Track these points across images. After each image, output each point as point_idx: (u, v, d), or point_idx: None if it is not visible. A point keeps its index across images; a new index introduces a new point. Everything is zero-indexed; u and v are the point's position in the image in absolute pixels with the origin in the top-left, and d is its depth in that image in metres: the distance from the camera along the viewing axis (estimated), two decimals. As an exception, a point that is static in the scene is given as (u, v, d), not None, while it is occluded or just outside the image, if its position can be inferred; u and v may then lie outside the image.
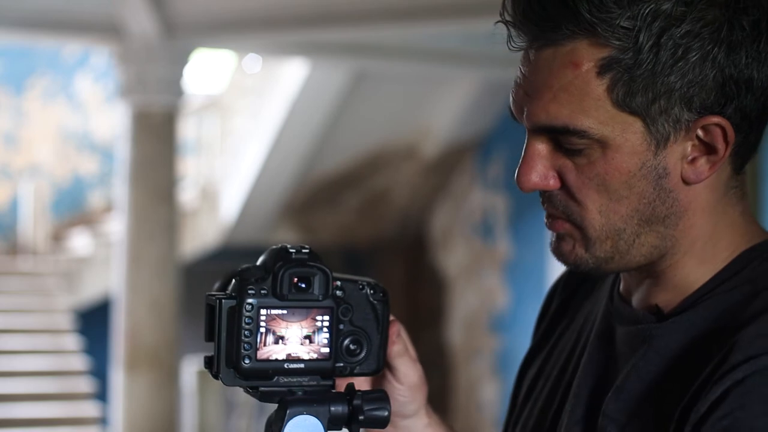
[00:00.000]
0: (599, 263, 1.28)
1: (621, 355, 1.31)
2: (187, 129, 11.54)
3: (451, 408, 11.61)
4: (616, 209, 1.25)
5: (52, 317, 11.05)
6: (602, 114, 1.22)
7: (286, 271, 1.24)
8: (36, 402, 10.12)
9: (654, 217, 1.25)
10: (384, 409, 1.28)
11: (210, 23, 8.56)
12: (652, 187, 1.24)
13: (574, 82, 1.22)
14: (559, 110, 1.23)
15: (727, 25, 1.21)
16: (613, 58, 1.21)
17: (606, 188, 1.24)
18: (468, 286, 11.70)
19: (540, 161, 1.26)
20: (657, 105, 1.22)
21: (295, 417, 1.24)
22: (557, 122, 1.23)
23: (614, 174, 1.24)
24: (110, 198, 12.19)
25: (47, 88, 12.84)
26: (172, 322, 8.44)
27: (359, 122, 10.96)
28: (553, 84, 1.23)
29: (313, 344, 1.25)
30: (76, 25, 8.57)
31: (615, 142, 1.23)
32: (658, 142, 1.23)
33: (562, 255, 1.29)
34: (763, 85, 1.24)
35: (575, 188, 1.25)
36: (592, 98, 1.22)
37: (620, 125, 1.23)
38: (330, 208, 11.84)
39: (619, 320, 1.33)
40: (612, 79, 1.21)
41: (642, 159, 1.23)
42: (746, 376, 1.15)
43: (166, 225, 8.50)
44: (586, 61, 1.22)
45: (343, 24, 8.40)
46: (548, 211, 1.28)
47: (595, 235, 1.26)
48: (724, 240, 1.28)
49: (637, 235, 1.26)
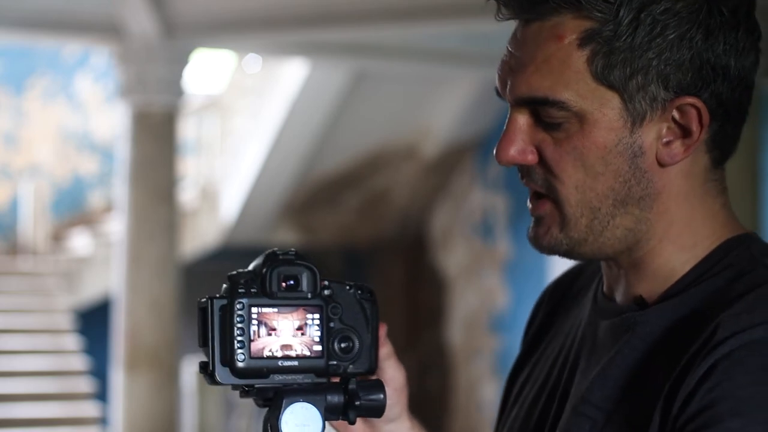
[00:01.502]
0: (573, 245, 1.29)
1: (603, 347, 1.32)
2: (187, 129, 11.54)
3: (451, 408, 11.62)
4: (592, 186, 1.27)
5: (52, 317, 11.06)
6: (582, 87, 1.25)
7: (273, 270, 1.27)
8: (36, 402, 10.13)
9: (629, 197, 1.27)
10: (380, 395, 1.29)
11: (210, 23, 8.56)
12: (628, 166, 1.26)
13: (556, 54, 1.25)
14: (541, 82, 1.26)
15: (706, 8, 1.24)
16: (594, 30, 1.24)
17: (583, 163, 1.26)
18: (468, 286, 11.70)
19: (520, 135, 1.29)
20: (634, 81, 1.24)
21: (292, 404, 1.25)
22: (538, 93, 1.26)
23: (591, 148, 1.26)
24: (110, 198, 12.19)
25: (47, 88, 12.85)
26: (172, 322, 8.44)
27: (359, 122, 10.96)
28: (537, 57, 1.26)
29: (306, 336, 1.27)
30: (76, 25, 8.57)
31: (593, 117, 1.25)
32: (635, 120, 1.25)
33: (537, 239, 1.32)
34: (739, 75, 1.27)
35: (553, 162, 1.27)
36: (573, 71, 1.25)
37: (599, 99, 1.25)
38: (330, 208, 11.85)
39: (604, 316, 1.34)
40: (592, 51, 1.24)
41: (618, 135, 1.26)
42: (732, 350, 1.17)
43: (166, 225, 8.51)
44: (569, 34, 1.25)
45: (343, 24, 8.41)
46: (528, 186, 1.31)
47: (570, 211, 1.28)
48: (704, 229, 1.30)
49: (612, 216, 1.27)
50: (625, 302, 1.32)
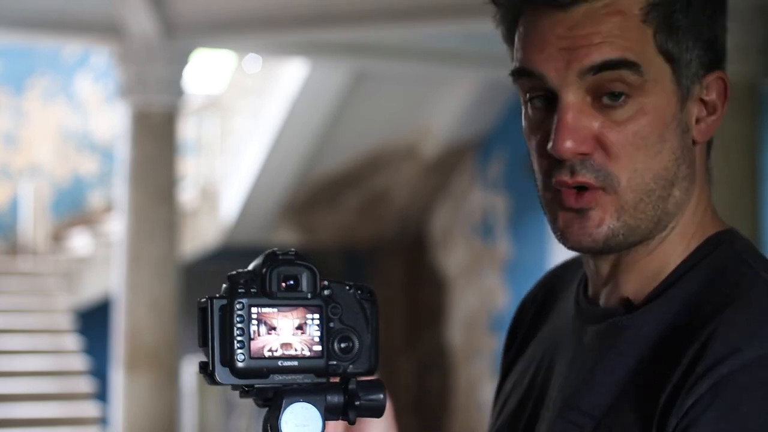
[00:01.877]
0: (628, 233, 1.26)
1: (590, 352, 1.30)
2: (187, 129, 11.54)
3: (451, 408, 11.62)
4: (651, 167, 1.25)
5: (52, 317, 11.06)
6: (648, 56, 1.25)
7: (273, 270, 1.26)
8: (36, 402, 10.13)
9: (676, 178, 1.27)
10: (380, 395, 1.28)
11: (210, 23, 8.56)
12: (678, 143, 1.27)
13: (623, 24, 1.25)
14: (613, 46, 1.24)
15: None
16: (655, 3, 1.25)
17: (645, 142, 1.25)
18: (468, 286, 11.71)
19: (577, 120, 1.24)
20: (685, 56, 1.27)
21: (292, 404, 1.25)
22: (613, 55, 1.24)
23: (653, 124, 1.25)
24: (110, 198, 12.19)
25: (47, 88, 12.85)
26: (172, 322, 8.44)
27: (359, 122, 10.97)
28: (602, 30, 1.25)
29: (305, 335, 1.27)
30: (76, 25, 8.57)
31: (654, 89, 1.25)
32: (683, 95, 1.27)
33: (587, 231, 1.26)
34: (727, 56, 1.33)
35: (617, 144, 1.24)
36: (642, 40, 1.25)
37: (659, 71, 1.25)
38: (330, 208, 11.85)
39: (589, 320, 1.32)
40: (657, 24, 1.25)
41: (673, 111, 1.26)
42: (731, 372, 1.15)
43: (166, 225, 8.51)
44: (630, 8, 1.25)
45: (343, 24, 8.41)
46: (578, 181, 1.25)
47: (629, 197, 1.25)
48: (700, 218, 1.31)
49: (663, 199, 1.26)
50: (610, 305, 1.31)
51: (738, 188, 6.72)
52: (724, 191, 6.68)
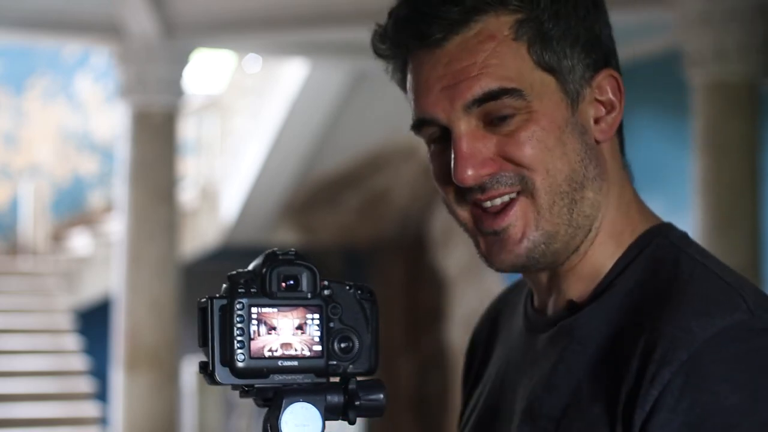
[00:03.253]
0: (549, 241, 1.28)
1: (544, 358, 1.31)
2: (187, 129, 11.54)
3: (451, 408, 11.62)
4: (560, 168, 1.28)
5: (52, 317, 11.06)
6: (526, 75, 1.27)
7: (273, 270, 1.27)
8: (36, 402, 10.13)
9: (585, 179, 1.29)
10: (380, 395, 1.29)
11: (210, 23, 8.56)
12: (580, 144, 1.28)
13: (496, 49, 1.27)
14: (490, 77, 1.27)
15: None
16: (522, 20, 1.27)
17: (544, 145, 1.27)
18: (468, 286, 11.70)
19: (474, 145, 1.28)
20: (566, 62, 1.28)
21: (292, 404, 1.25)
22: (493, 86, 1.27)
23: (548, 130, 1.27)
24: (110, 198, 12.19)
25: (47, 88, 12.85)
26: (172, 322, 8.44)
27: (359, 122, 10.97)
28: (477, 60, 1.27)
29: (305, 335, 1.27)
30: (76, 25, 8.57)
31: (541, 102, 1.27)
32: (573, 100, 1.28)
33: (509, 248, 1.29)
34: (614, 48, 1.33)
35: (519, 154, 1.27)
36: (518, 60, 1.27)
37: (541, 84, 1.27)
38: (330, 208, 11.85)
39: (539, 329, 1.34)
40: (528, 40, 1.27)
41: (565, 116, 1.28)
42: (691, 356, 1.17)
43: (166, 225, 8.51)
44: (500, 31, 1.27)
45: (343, 24, 8.41)
46: (494, 193, 1.28)
47: (545, 199, 1.28)
48: (625, 217, 1.32)
49: (575, 202, 1.28)
50: (557, 312, 1.32)
51: (738, 188, 6.72)
52: (724, 191, 6.68)
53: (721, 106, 6.78)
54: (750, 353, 1.17)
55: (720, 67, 6.77)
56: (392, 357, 11.66)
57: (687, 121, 7.25)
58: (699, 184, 6.81)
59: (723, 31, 6.77)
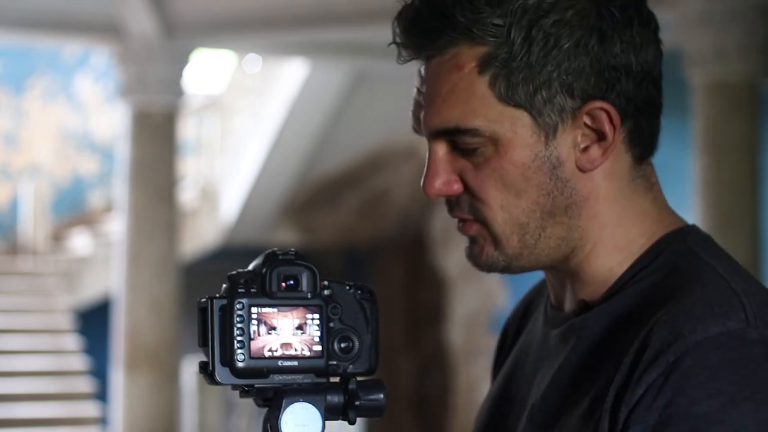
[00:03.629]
0: (510, 260, 1.31)
1: (554, 355, 1.33)
2: (187, 129, 11.54)
3: (451, 408, 11.62)
4: (516, 203, 1.28)
5: (52, 317, 11.06)
6: (489, 111, 1.26)
7: (273, 270, 1.27)
8: (36, 402, 10.13)
9: (555, 208, 1.28)
10: (380, 395, 1.29)
11: (210, 23, 8.57)
12: (548, 178, 1.27)
13: (459, 83, 1.27)
14: (450, 113, 1.28)
15: (595, 13, 1.26)
16: (490, 54, 1.26)
17: (504, 183, 1.27)
18: (468, 286, 11.71)
19: (441, 166, 1.31)
20: (539, 96, 1.26)
21: (292, 404, 1.25)
22: (449, 124, 1.28)
23: (509, 168, 1.27)
24: (110, 198, 12.19)
25: (47, 88, 12.85)
26: (172, 322, 8.45)
27: (359, 122, 10.97)
28: (442, 89, 1.28)
29: (305, 335, 1.27)
30: (76, 25, 8.58)
31: (506, 137, 1.26)
32: (547, 133, 1.27)
33: (474, 257, 1.33)
34: (642, 70, 1.28)
35: (476, 187, 1.29)
36: (478, 97, 1.26)
37: (508, 120, 1.26)
38: (330, 208, 11.85)
39: (553, 325, 1.36)
40: (492, 76, 1.26)
41: (534, 151, 1.27)
42: (677, 358, 1.17)
43: (166, 225, 8.51)
44: (468, 62, 1.26)
45: (343, 24, 8.41)
46: (456, 215, 1.32)
47: (500, 230, 1.29)
48: (636, 227, 1.31)
49: (543, 228, 1.29)
50: (570, 309, 1.34)
51: (738, 188, 6.72)
52: (724, 191, 6.68)
53: (721, 106, 6.78)
54: (736, 363, 1.17)
55: (720, 67, 6.77)
56: (392, 357, 11.66)
57: (687, 121, 7.26)
58: (699, 184, 6.81)
59: (723, 31, 6.77)
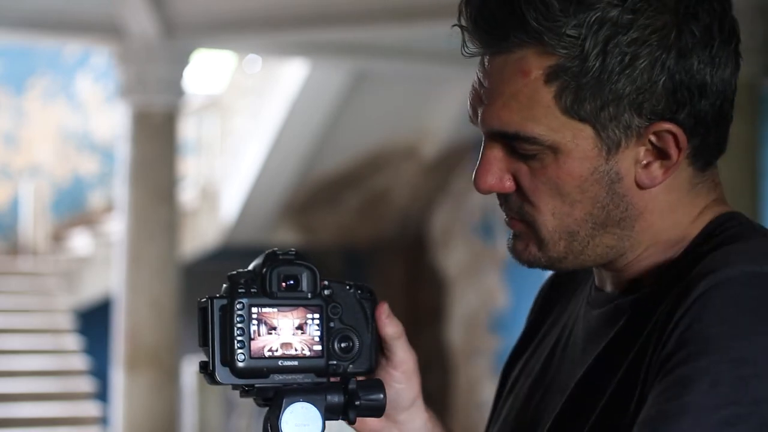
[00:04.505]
0: (552, 262, 1.29)
1: (596, 335, 1.32)
2: (187, 129, 11.54)
3: (451, 408, 11.62)
4: (569, 212, 1.26)
5: (53, 317, 11.06)
6: (552, 121, 1.24)
7: (273, 270, 1.27)
8: (36, 402, 10.13)
9: (608, 220, 1.26)
10: (380, 393, 1.30)
11: (210, 23, 8.57)
12: (605, 192, 1.25)
13: (523, 90, 1.24)
14: (510, 117, 1.25)
15: (675, 31, 1.22)
16: (559, 66, 1.22)
17: (559, 192, 1.26)
18: (468, 286, 11.71)
19: (496, 164, 1.28)
20: (606, 112, 1.23)
21: (292, 404, 1.26)
22: (509, 129, 1.25)
23: (566, 178, 1.25)
24: (110, 198, 12.19)
25: (47, 88, 12.85)
26: (172, 322, 8.45)
27: (359, 122, 10.97)
28: (504, 91, 1.25)
29: (306, 335, 1.27)
30: (76, 25, 8.58)
31: (566, 148, 1.24)
32: (610, 148, 1.24)
33: (516, 253, 1.31)
34: (717, 90, 1.24)
35: (529, 191, 1.27)
36: (542, 106, 1.24)
37: (570, 131, 1.24)
38: (330, 208, 11.85)
39: (595, 305, 1.34)
40: (559, 87, 1.23)
41: (594, 164, 1.24)
42: (702, 292, 1.17)
43: (166, 225, 8.51)
44: (534, 69, 1.23)
45: (343, 24, 8.41)
46: (505, 212, 1.30)
47: (548, 236, 1.27)
48: (693, 227, 1.30)
49: (592, 237, 1.27)
50: (615, 290, 1.32)
51: (738, 188, 6.72)
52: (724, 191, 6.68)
53: (721, 106, 6.78)
54: (758, 300, 1.17)
55: (720, 67, 6.77)
56: (392, 357, 11.66)
57: (687, 121, 7.25)
58: (699, 184, 6.80)
59: (723, 31, 6.77)
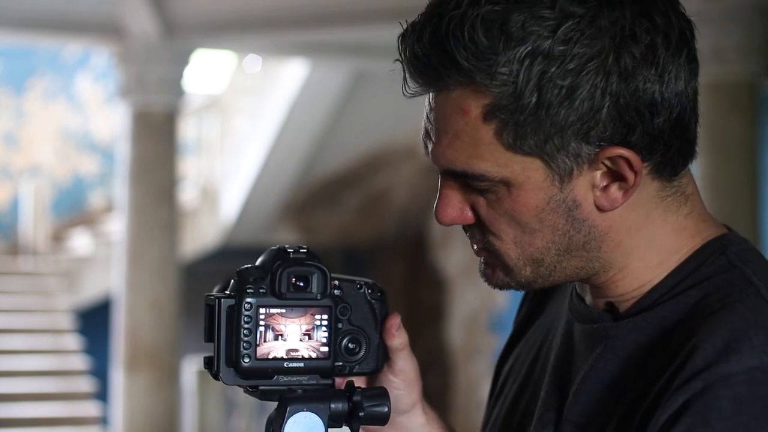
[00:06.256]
0: (522, 285, 1.27)
1: (579, 354, 1.30)
2: (187, 129, 11.54)
3: (451, 408, 11.62)
4: (530, 242, 1.23)
5: (53, 317, 11.06)
6: (498, 157, 1.21)
7: (284, 270, 1.25)
8: (36, 402, 10.13)
9: (572, 245, 1.23)
10: (384, 405, 1.28)
11: (210, 23, 8.56)
12: (564, 219, 1.22)
13: (465, 129, 1.22)
14: (456, 156, 1.23)
15: (614, 56, 1.18)
16: (495, 104, 1.19)
17: (518, 222, 1.23)
18: (468, 286, 11.70)
19: (454, 197, 1.25)
20: (551, 144, 1.19)
21: (296, 414, 1.25)
22: (456, 167, 1.23)
23: (522, 210, 1.22)
24: (110, 198, 12.19)
25: (48, 88, 12.85)
26: (172, 322, 8.44)
27: (359, 122, 10.97)
28: (448, 130, 1.23)
29: (312, 341, 1.26)
30: (76, 25, 8.57)
31: (517, 181, 1.21)
32: (562, 177, 1.21)
33: (486, 278, 1.28)
34: (671, 104, 1.20)
35: (488, 222, 1.24)
36: (484, 144, 1.21)
37: (519, 165, 1.21)
38: (330, 208, 11.85)
39: (577, 317, 1.32)
40: (498, 125, 1.19)
41: (548, 194, 1.21)
42: (705, 387, 1.13)
43: (166, 225, 8.51)
44: (473, 108, 1.21)
45: (343, 24, 8.41)
46: (470, 241, 1.28)
47: (512, 263, 1.25)
48: (669, 245, 1.25)
49: (558, 262, 1.24)
50: (595, 305, 1.30)
51: (738, 189, 6.72)
52: (724, 191, 6.68)
53: (721, 107, 6.77)
54: (765, 400, 1.13)
55: (720, 67, 6.76)
56: (392, 357, 11.66)
57: (687, 121, 7.25)
58: (699, 184, 6.76)
59: (722, 32, 6.77)
